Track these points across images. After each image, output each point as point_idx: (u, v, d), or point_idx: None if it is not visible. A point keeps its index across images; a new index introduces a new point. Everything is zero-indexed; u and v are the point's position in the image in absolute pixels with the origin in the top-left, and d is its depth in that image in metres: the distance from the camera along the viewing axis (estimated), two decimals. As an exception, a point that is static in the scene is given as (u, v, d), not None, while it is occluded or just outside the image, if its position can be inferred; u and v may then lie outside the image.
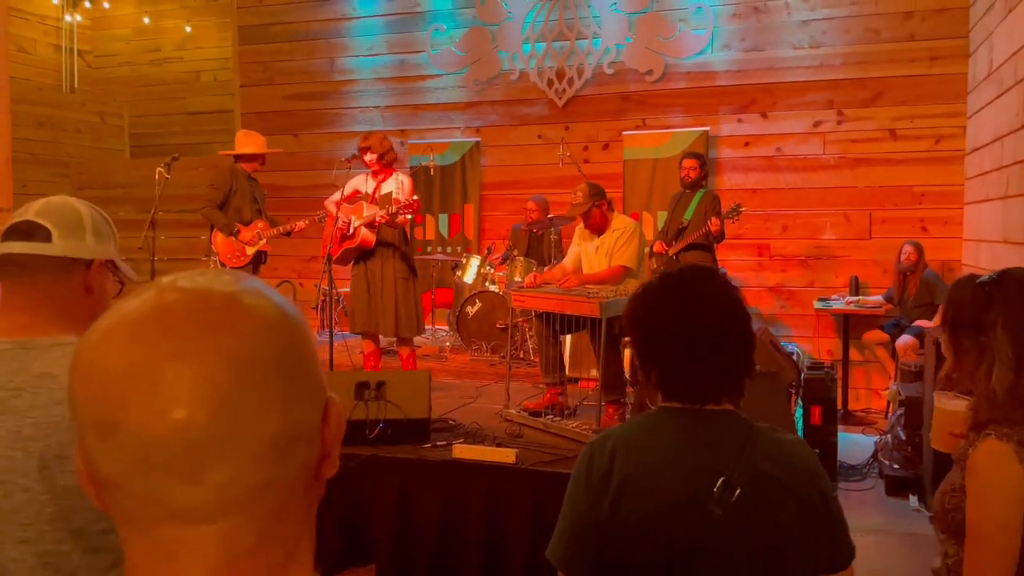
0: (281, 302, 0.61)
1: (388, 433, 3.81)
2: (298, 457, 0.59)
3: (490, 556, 3.57)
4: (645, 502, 1.30)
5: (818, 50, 6.67)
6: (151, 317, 0.56)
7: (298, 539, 0.61)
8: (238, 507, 0.56)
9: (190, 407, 0.54)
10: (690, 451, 1.33)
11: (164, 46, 9.69)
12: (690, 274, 1.42)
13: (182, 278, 0.60)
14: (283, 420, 0.57)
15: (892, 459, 4.67)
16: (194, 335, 0.55)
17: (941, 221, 6.41)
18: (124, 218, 8.07)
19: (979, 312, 1.61)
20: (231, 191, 5.51)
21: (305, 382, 0.59)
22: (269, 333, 0.58)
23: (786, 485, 1.30)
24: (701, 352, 1.34)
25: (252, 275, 0.63)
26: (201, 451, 0.54)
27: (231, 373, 0.55)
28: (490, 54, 7.52)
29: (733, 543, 1.27)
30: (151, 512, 0.55)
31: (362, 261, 5.16)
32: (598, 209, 4.53)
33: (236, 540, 0.57)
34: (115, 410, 0.54)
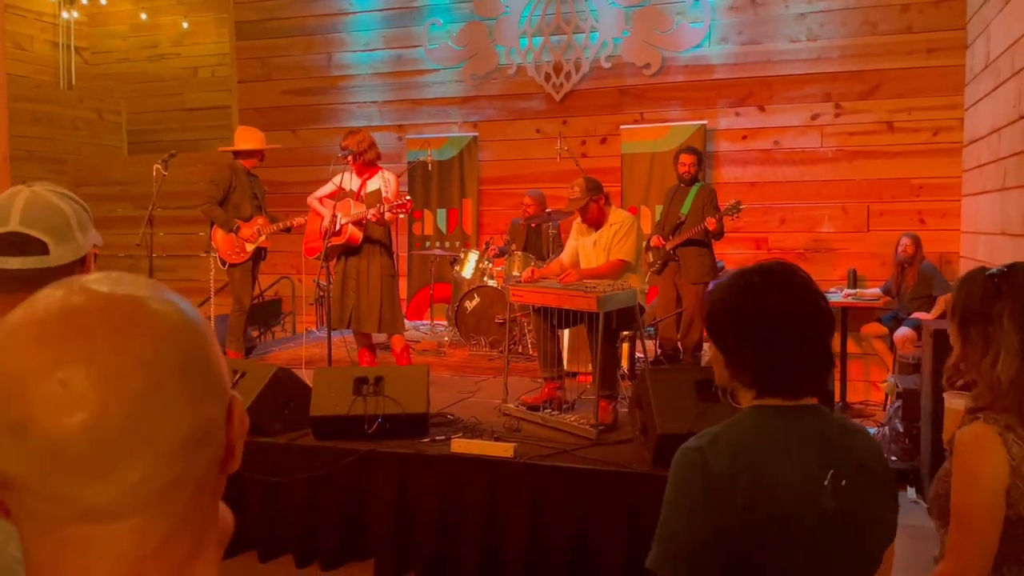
0: (185, 307, 0.62)
1: (386, 428, 3.82)
2: (205, 455, 0.61)
3: (489, 550, 3.58)
4: (777, 501, 1.31)
5: (815, 43, 6.67)
6: (58, 318, 0.57)
7: (204, 533, 0.63)
8: (148, 505, 0.57)
9: (101, 408, 0.54)
10: (807, 447, 1.35)
11: (161, 42, 9.67)
12: (788, 268, 1.43)
13: (91, 280, 0.60)
14: (191, 419, 0.58)
15: (890, 451, 4.69)
16: (103, 337, 0.56)
17: (939, 213, 6.41)
18: (122, 215, 8.09)
19: (988, 303, 1.62)
20: (231, 187, 5.51)
21: (210, 382, 0.61)
22: (174, 336, 0.59)
23: (874, 470, 1.39)
24: (802, 344, 1.36)
25: (157, 281, 0.64)
26: (112, 451, 0.55)
27: (140, 374, 0.56)
28: (487, 48, 7.51)
29: (841, 531, 1.33)
30: (61, 512, 0.56)
31: (343, 257, 5.16)
32: (595, 203, 4.53)
33: (145, 537, 0.58)
34: (24, 411, 0.54)
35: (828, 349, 1.41)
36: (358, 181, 5.18)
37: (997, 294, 1.62)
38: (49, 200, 1.33)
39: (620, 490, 3.41)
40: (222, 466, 0.64)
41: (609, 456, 3.65)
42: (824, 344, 1.40)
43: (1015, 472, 1.55)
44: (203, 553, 0.63)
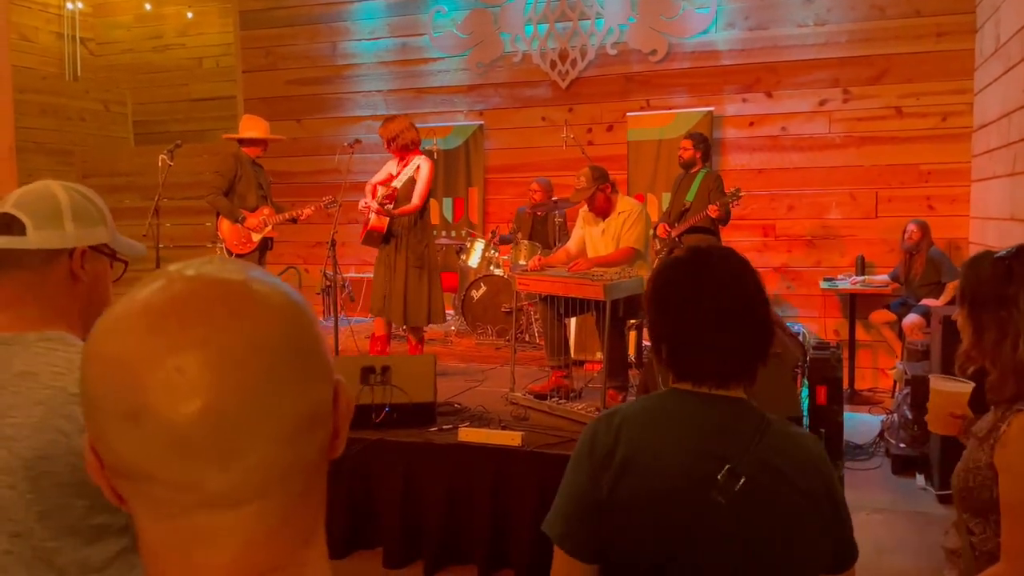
0: (287, 289, 0.62)
1: (394, 417, 3.83)
2: (317, 438, 0.60)
3: (496, 538, 3.59)
4: (647, 482, 1.29)
5: (823, 28, 6.61)
6: (167, 306, 0.56)
7: (316, 518, 0.63)
8: (267, 490, 0.57)
9: (217, 393, 0.54)
10: (698, 435, 1.32)
11: (166, 33, 9.65)
12: (715, 254, 1.40)
13: (190, 267, 0.60)
14: (303, 402, 0.58)
15: (898, 438, 4.68)
16: (214, 322, 0.56)
17: (948, 199, 6.37)
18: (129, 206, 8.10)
19: (1000, 287, 1.59)
20: (236, 177, 5.51)
21: (318, 364, 0.60)
22: (282, 318, 0.59)
23: (792, 479, 1.29)
24: (714, 331, 1.33)
25: (254, 263, 0.63)
26: (231, 436, 0.55)
27: (253, 358, 0.56)
28: (492, 36, 7.47)
29: (732, 532, 1.26)
30: (181, 499, 0.56)
31: (383, 245, 5.20)
32: (602, 192, 4.52)
33: (262, 523, 0.58)
34: (142, 398, 0.54)
35: (753, 341, 1.35)
36: (399, 168, 5.23)
37: (1009, 276, 1.59)
38: (49, 189, 1.32)
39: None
40: (329, 450, 0.63)
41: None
42: (746, 335, 1.34)
43: None
44: (315, 539, 0.63)
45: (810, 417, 3.91)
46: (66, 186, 1.34)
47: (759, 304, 1.36)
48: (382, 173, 5.33)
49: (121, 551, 1.24)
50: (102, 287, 1.37)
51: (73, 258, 1.31)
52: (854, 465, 4.69)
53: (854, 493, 4.10)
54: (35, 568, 1.19)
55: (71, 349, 1.27)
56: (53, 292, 1.30)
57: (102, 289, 1.38)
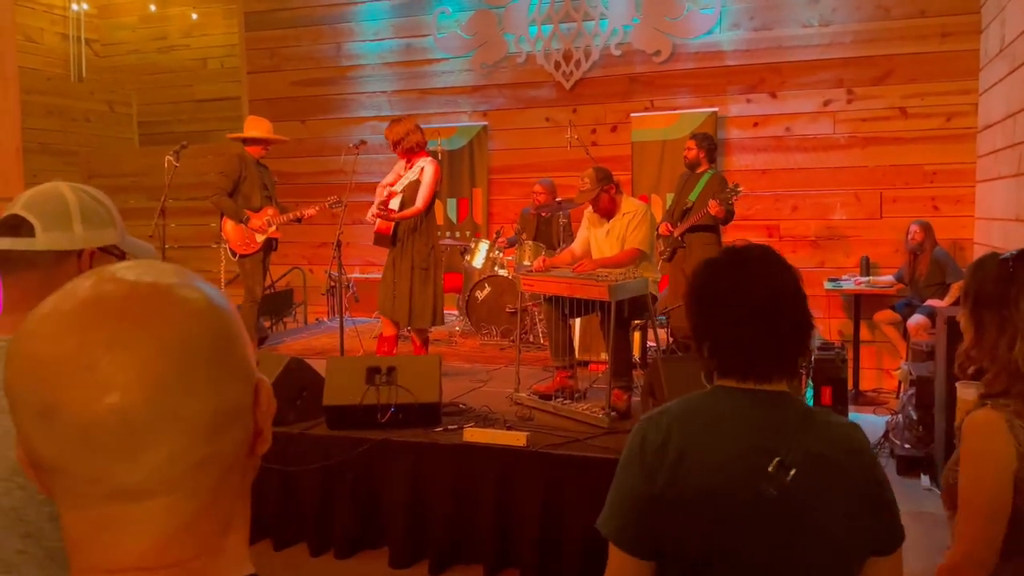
0: (212, 293, 0.64)
1: (399, 417, 3.83)
2: (232, 436, 0.63)
3: (501, 538, 3.60)
4: (700, 477, 1.31)
5: (827, 28, 6.61)
6: (85, 306, 0.59)
7: (233, 511, 0.65)
8: (177, 484, 0.60)
9: (126, 391, 0.57)
10: (746, 429, 1.34)
11: (170, 34, 9.68)
12: (754, 252, 1.44)
13: (121, 268, 0.63)
14: (216, 402, 0.61)
15: (903, 439, 4.67)
16: (127, 323, 0.58)
17: (953, 200, 6.36)
18: (134, 206, 8.13)
19: (1002, 287, 1.61)
20: (240, 178, 5.52)
21: (235, 366, 0.63)
22: (199, 321, 0.61)
23: (839, 467, 1.32)
24: (756, 327, 1.36)
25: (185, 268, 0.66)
26: (139, 432, 0.57)
27: (165, 358, 0.58)
28: (496, 37, 7.48)
29: (784, 522, 1.29)
30: (92, 491, 0.58)
31: (391, 247, 5.21)
32: (606, 194, 4.52)
33: (175, 515, 0.60)
34: (53, 395, 0.57)
35: (795, 336, 1.38)
36: (405, 170, 5.24)
37: (1011, 278, 1.61)
38: (58, 191, 1.33)
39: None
40: (252, 447, 0.66)
41: (621, 444, 3.62)
42: (787, 330, 1.37)
43: (1022, 458, 1.54)
44: (233, 531, 0.65)
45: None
46: (75, 187, 1.34)
47: (799, 299, 1.40)
48: (392, 175, 5.34)
49: None
50: None
51: (82, 259, 1.31)
52: (859, 466, 4.68)
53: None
54: (47, 568, 1.20)
55: None
56: None
57: None
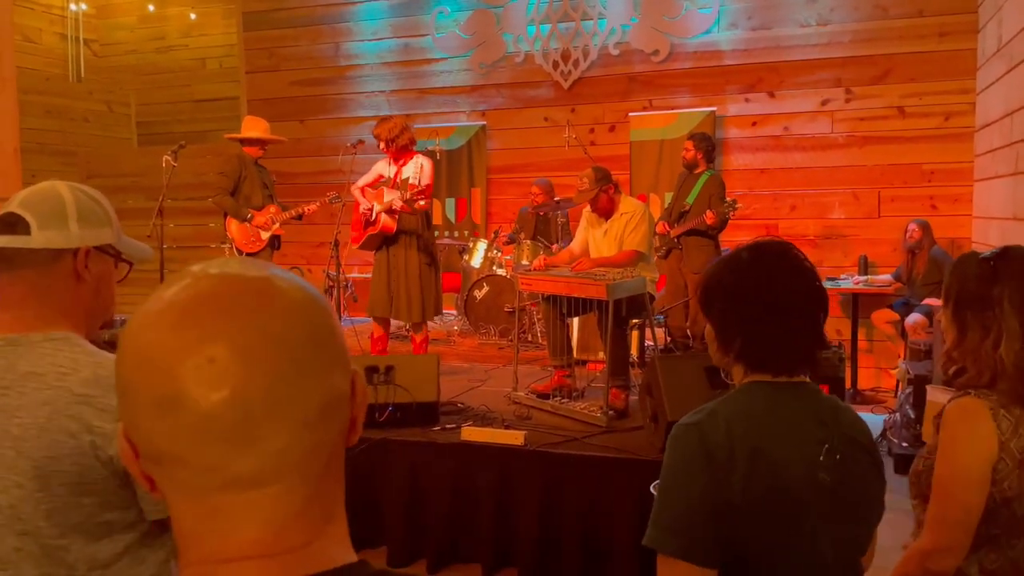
0: (306, 284, 0.66)
1: (397, 416, 3.84)
2: (336, 424, 0.65)
3: (500, 537, 3.60)
4: (777, 476, 1.32)
5: (826, 28, 6.61)
6: (195, 302, 0.61)
7: (336, 498, 0.67)
8: (289, 472, 0.61)
9: (244, 381, 0.59)
10: (798, 421, 1.38)
11: (169, 34, 9.68)
12: (775, 248, 1.45)
13: (212, 266, 0.64)
14: (323, 390, 0.62)
15: (901, 437, 4.68)
16: (239, 316, 0.60)
17: (951, 199, 6.37)
18: (133, 206, 8.13)
19: (984, 287, 1.61)
20: (240, 178, 5.52)
21: (336, 354, 0.65)
22: (303, 311, 0.63)
23: (865, 446, 1.41)
24: (788, 323, 1.38)
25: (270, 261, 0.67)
26: (255, 421, 0.59)
27: (277, 349, 0.60)
28: (495, 37, 7.48)
29: (836, 504, 1.34)
30: (210, 481, 0.60)
31: (385, 247, 5.18)
32: (605, 194, 4.52)
33: (287, 502, 0.62)
34: (174, 386, 0.58)
35: (817, 327, 1.42)
36: (394, 168, 5.20)
37: (994, 277, 1.61)
38: (55, 189, 1.32)
39: (630, 477, 3.42)
40: (348, 436, 0.67)
41: (619, 443, 3.66)
42: (812, 322, 1.41)
43: (1003, 448, 1.54)
44: (336, 518, 0.67)
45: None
46: (72, 186, 1.34)
47: (823, 293, 1.43)
48: (370, 175, 5.30)
49: (128, 546, 1.25)
50: (106, 288, 1.37)
51: (78, 258, 1.31)
52: (857, 464, 4.69)
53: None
54: (44, 565, 1.20)
55: (76, 349, 1.27)
56: (57, 292, 1.30)
57: (106, 290, 1.38)
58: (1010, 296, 1.58)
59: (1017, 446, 1.54)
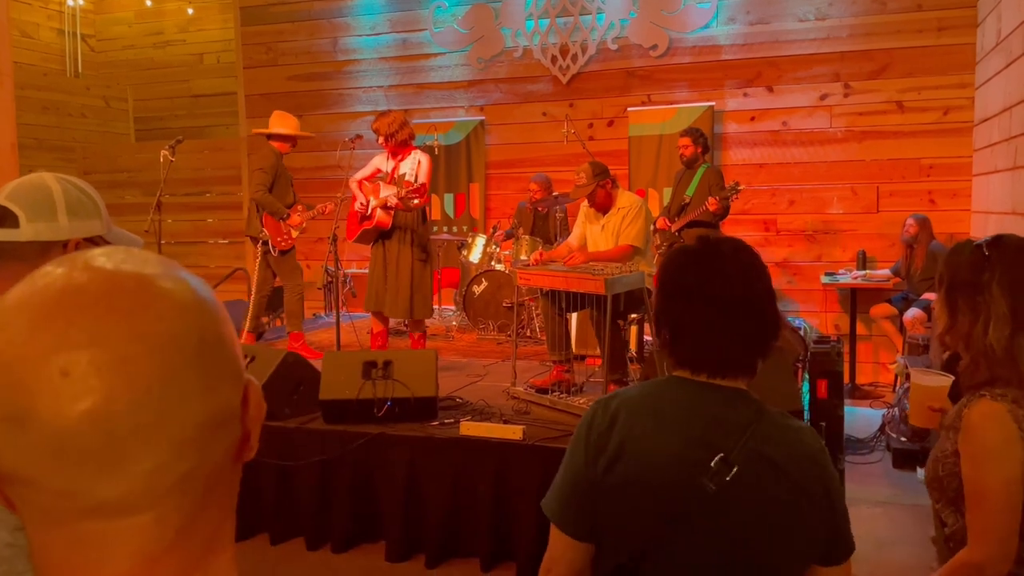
0: (198, 285, 0.58)
1: (396, 411, 3.83)
2: (221, 443, 0.57)
3: (498, 532, 3.60)
4: (639, 466, 1.31)
5: (824, 22, 6.60)
6: (57, 299, 0.53)
7: (220, 526, 0.60)
8: (162, 497, 0.54)
9: (107, 395, 0.51)
10: (693, 422, 1.33)
11: (166, 29, 9.66)
12: (726, 245, 1.42)
13: (97, 255, 0.56)
14: (203, 406, 0.55)
15: (899, 432, 4.69)
16: (108, 319, 0.52)
17: (949, 194, 6.37)
18: (131, 202, 8.12)
19: (976, 273, 1.62)
20: (277, 174, 5.54)
21: (224, 366, 0.57)
22: (184, 316, 0.55)
23: (785, 471, 1.29)
24: (715, 321, 1.34)
25: (168, 258, 0.60)
26: (121, 442, 0.51)
27: (150, 358, 0.52)
28: (493, 31, 7.47)
29: (721, 519, 1.27)
30: (69, 507, 0.52)
31: (381, 242, 5.16)
32: (603, 188, 4.52)
33: (160, 531, 0.55)
34: (24, 400, 0.50)
35: (756, 334, 1.36)
36: (392, 163, 5.19)
37: (985, 263, 1.62)
38: (43, 181, 1.31)
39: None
40: (238, 454, 0.60)
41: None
42: (749, 327, 1.35)
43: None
44: (220, 547, 0.60)
45: (811, 411, 3.92)
46: (60, 178, 1.33)
47: (763, 298, 1.37)
48: (368, 169, 5.29)
49: None
50: None
51: (67, 250, 1.30)
52: (855, 459, 4.70)
53: (855, 487, 4.11)
54: None
55: None
56: None
57: None
58: (999, 281, 1.59)
59: None
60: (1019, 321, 1.57)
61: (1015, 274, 1.59)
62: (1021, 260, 1.60)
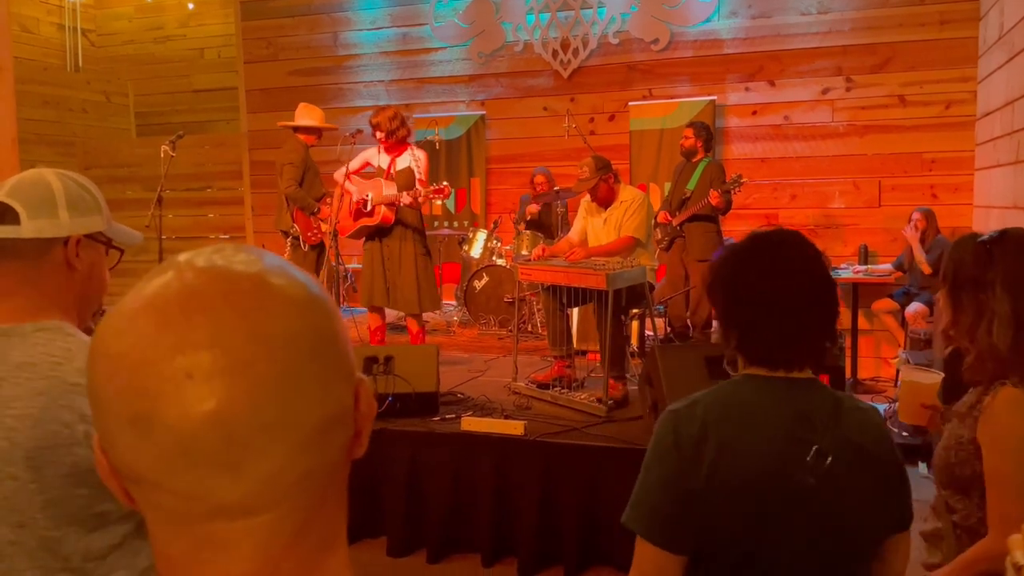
0: (307, 281, 0.58)
1: (397, 407, 3.84)
2: (338, 442, 0.57)
3: (499, 527, 3.60)
4: (741, 469, 1.30)
5: (826, 16, 6.58)
6: (175, 302, 0.53)
7: (337, 523, 0.60)
8: (283, 498, 0.54)
9: (228, 397, 0.51)
10: (783, 419, 1.33)
11: (167, 24, 9.64)
12: (782, 237, 1.42)
13: (201, 257, 0.56)
14: (323, 404, 0.55)
15: (901, 427, 4.68)
16: (225, 319, 0.52)
17: (951, 188, 6.35)
18: (132, 197, 8.12)
19: (980, 270, 1.61)
20: (306, 167, 5.55)
21: (338, 363, 0.57)
22: (300, 314, 0.55)
23: (870, 452, 1.34)
24: (787, 316, 1.34)
25: (272, 252, 0.59)
26: (242, 443, 0.51)
27: (268, 359, 0.52)
28: (494, 25, 7.45)
29: (823, 509, 1.30)
30: (192, 509, 0.53)
31: (376, 237, 5.14)
32: (605, 183, 4.51)
33: (280, 531, 0.55)
34: (148, 404, 0.51)
35: (822, 322, 1.37)
36: (387, 158, 5.16)
37: (989, 260, 1.61)
38: (43, 177, 1.30)
39: (630, 467, 3.40)
40: (350, 452, 0.60)
41: (619, 433, 3.66)
42: (814, 316, 1.36)
43: None
44: (336, 544, 0.60)
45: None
46: (60, 174, 1.32)
47: (825, 283, 1.39)
48: (357, 162, 5.23)
49: (124, 538, 1.25)
50: (98, 276, 1.36)
51: (68, 247, 1.29)
52: (856, 454, 4.70)
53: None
54: (39, 557, 1.19)
55: (69, 339, 1.26)
56: (48, 281, 1.28)
57: (98, 278, 1.37)
58: (1003, 280, 1.58)
59: None
60: (1022, 319, 1.56)
61: (1019, 273, 1.58)
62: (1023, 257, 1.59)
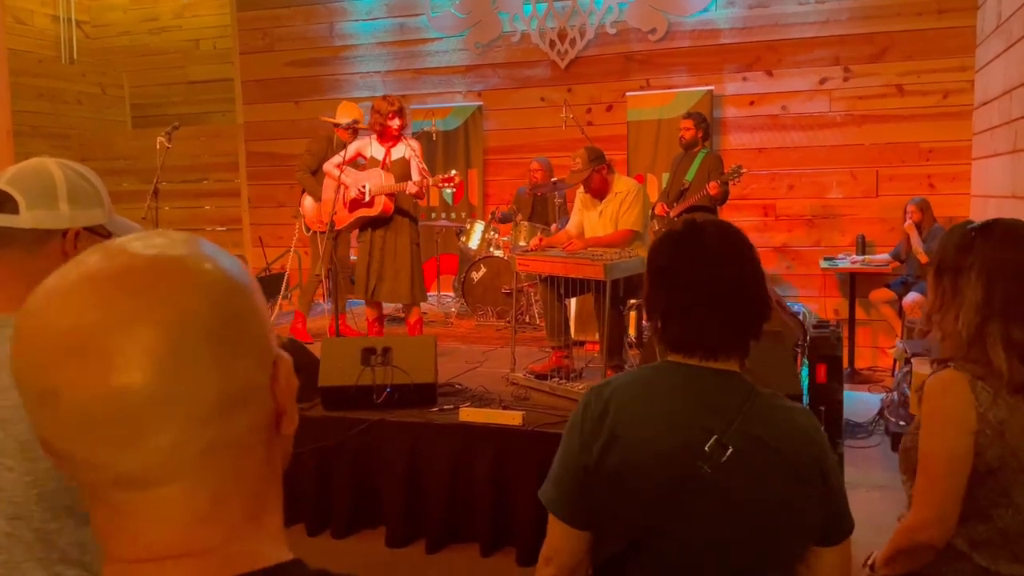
0: (226, 265, 0.60)
1: (395, 398, 3.84)
2: (245, 418, 0.59)
3: (497, 517, 3.61)
4: (633, 451, 1.30)
5: (824, 5, 6.56)
6: (82, 283, 0.56)
7: (263, 496, 0.62)
8: (186, 470, 0.57)
9: (125, 373, 0.54)
10: (686, 406, 1.33)
11: (162, 15, 9.58)
12: (711, 227, 1.41)
13: (128, 241, 0.59)
14: (222, 382, 0.57)
15: (898, 416, 4.69)
16: (125, 301, 0.55)
17: (949, 177, 6.35)
18: (127, 189, 8.08)
19: (961, 256, 1.62)
20: (324, 158, 5.58)
21: (247, 343, 0.59)
22: (204, 296, 0.57)
23: (779, 451, 1.29)
24: (705, 304, 1.33)
25: (204, 239, 0.62)
26: (139, 417, 0.54)
27: (165, 338, 0.55)
28: (491, 16, 7.42)
29: (717, 502, 1.27)
30: (99, 478, 0.56)
31: (369, 228, 5.13)
32: (598, 174, 4.50)
33: (191, 501, 0.57)
34: (53, 379, 0.54)
35: (747, 315, 1.35)
36: (381, 149, 5.14)
37: (971, 247, 1.61)
38: (45, 167, 1.29)
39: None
40: (277, 427, 0.63)
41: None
42: (739, 309, 1.34)
43: (982, 419, 1.54)
44: (266, 515, 0.62)
45: (810, 395, 3.92)
46: (62, 164, 1.31)
47: (753, 279, 1.37)
48: (350, 151, 5.19)
49: None
50: None
51: (67, 239, 1.28)
52: (854, 443, 4.71)
53: (854, 471, 4.12)
54: (35, 549, 1.19)
55: None
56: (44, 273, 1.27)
57: None
58: (979, 268, 1.58)
59: (996, 416, 1.53)
60: (991, 309, 1.56)
61: (994, 261, 1.58)
62: (1003, 247, 1.59)
